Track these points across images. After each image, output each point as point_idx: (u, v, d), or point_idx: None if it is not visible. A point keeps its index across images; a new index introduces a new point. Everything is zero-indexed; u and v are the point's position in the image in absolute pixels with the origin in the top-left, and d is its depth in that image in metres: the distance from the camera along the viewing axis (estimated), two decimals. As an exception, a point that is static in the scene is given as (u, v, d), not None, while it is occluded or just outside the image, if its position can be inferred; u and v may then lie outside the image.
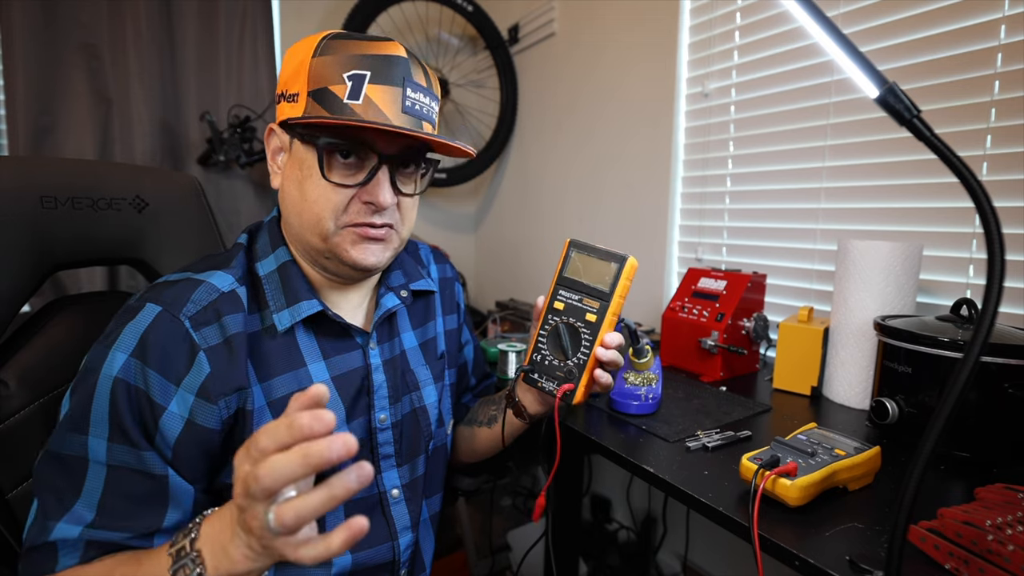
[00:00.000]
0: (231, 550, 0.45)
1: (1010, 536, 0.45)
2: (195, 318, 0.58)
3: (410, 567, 0.73)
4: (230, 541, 0.45)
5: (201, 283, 0.60)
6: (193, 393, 0.56)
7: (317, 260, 0.65)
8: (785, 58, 1.22)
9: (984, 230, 0.36)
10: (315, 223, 0.61)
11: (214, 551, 0.46)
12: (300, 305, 0.63)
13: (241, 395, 0.59)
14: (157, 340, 0.56)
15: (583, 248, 0.69)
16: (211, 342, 0.58)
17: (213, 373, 0.57)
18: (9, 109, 1.57)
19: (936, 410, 0.35)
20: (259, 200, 1.97)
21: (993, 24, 0.91)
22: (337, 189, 0.60)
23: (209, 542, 0.47)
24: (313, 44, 0.60)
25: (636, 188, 1.62)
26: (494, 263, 2.36)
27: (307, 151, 0.61)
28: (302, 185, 0.61)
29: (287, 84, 0.61)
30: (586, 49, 1.77)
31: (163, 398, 0.55)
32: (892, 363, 0.77)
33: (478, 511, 1.75)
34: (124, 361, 0.54)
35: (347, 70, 0.58)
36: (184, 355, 0.56)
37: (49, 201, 0.75)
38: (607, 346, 0.65)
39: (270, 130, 0.65)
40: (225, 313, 0.59)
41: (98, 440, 0.54)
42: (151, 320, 0.56)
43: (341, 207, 0.61)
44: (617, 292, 0.66)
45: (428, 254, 0.87)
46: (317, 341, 0.66)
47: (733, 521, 0.57)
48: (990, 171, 0.93)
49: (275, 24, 1.93)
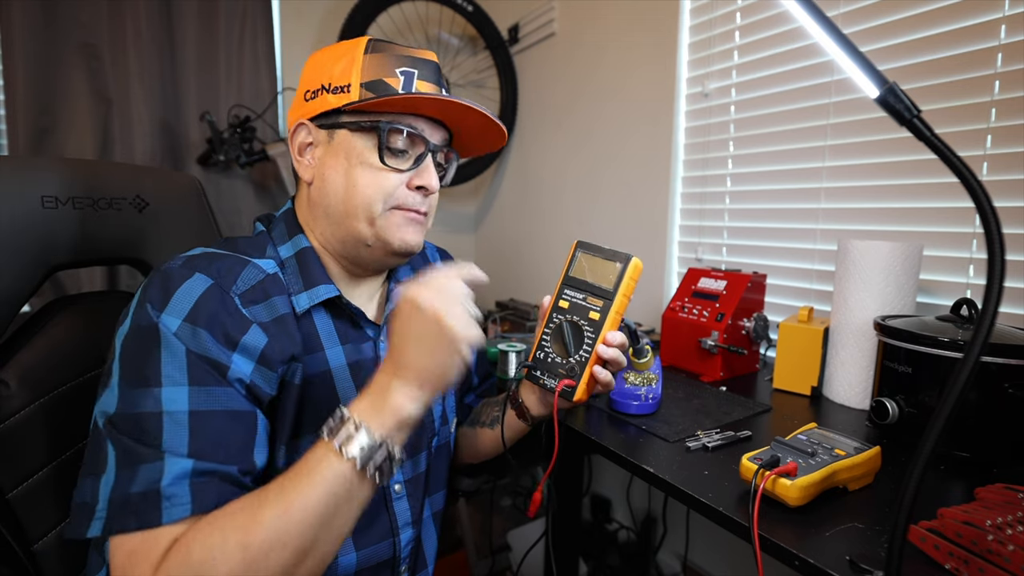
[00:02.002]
0: (391, 400, 0.50)
1: (1010, 536, 0.45)
2: (244, 295, 0.58)
3: (411, 563, 0.73)
4: (387, 395, 0.50)
5: (248, 263, 0.61)
6: (254, 360, 0.56)
7: (352, 250, 0.67)
8: (785, 58, 1.22)
9: (984, 230, 0.36)
10: (365, 207, 0.63)
11: (369, 415, 0.50)
12: (318, 289, 0.64)
13: (291, 366, 0.60)
14: (210, 309, 0.55)
15: (589, 248, 0.70)
16: (261, 319, 0.59)
17: (270, 342, 0.58)
18: (9, 109, 1.57)
19: (936, 410, 0.35)
20: (259, 200, 1.97)
21: (993, 24, 0.91)
22: (390, 174, 0.64)
23: (359, 410, 0.51)
24: (361, 44, 0.65)
25: (636, 188, 1.62)
26: (494, 263, 2.36)
27: (357, 138, 0.64)
28: (349, 173, 0.64)
29: (330, 78, 0.64)
30: (586, 49, 1.77)
31: (225, 359, 0.54)
32: (892, 363, 0.77)
33: (478, 511, 1.75)
34: (179, 325, 0.53)
35: (399, 67, 0.64)
36: (238, 326, 0.56)
37: (50, 201, 0.75)
38: (609, 344, 0.65)
39: (299, 125, 0.66)
40: (273, 294, 0.61)
41: (175, 389, 0.51)
42: (204, 290, 0.55)
43: (391, 192, 0.64)
44: (621, 291, 0.66)
45: (434, 252, 0.88)
46: (334, 325, 0.67)
47: (733, 521, 0.57)
48: (990, 171, 0.93)
49: (275, 24, 1.93)
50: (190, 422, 0.51)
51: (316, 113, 0.65)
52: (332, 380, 0.64)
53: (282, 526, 0.46)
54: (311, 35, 2.05)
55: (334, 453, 0.48)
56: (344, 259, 0.69)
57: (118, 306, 0.86)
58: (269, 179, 1.97)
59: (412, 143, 0.65)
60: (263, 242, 0.67)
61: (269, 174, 1.96)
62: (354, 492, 0.49)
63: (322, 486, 0.47)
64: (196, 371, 0.52)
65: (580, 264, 0.70)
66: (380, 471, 0.49)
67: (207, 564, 0.45)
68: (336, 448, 0.48)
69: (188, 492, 0.48)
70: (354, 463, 0.48)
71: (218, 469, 0.51)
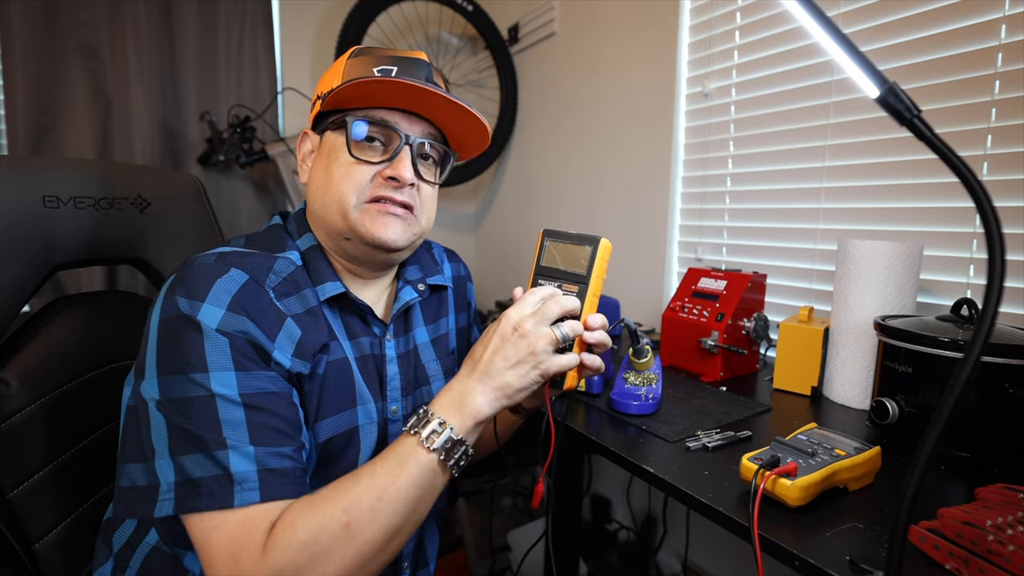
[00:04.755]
0: (472, 403, 0.57)
1: (1010, 536, 0.45)
2: (277, 289, 0.61)
3: (413, 561, 0.74)
4: (469, 398, 0.57)
5: (278, 258, 0.63)
6: (291, 351, 0.59)
7: (339, 244, 0.68)
8: (785, 58, 1.22)
9: (984, 230, 0.36)
10: (338, 200, 0.65)
11: (450, 414, 0.56)
12: (325, 285, 0.66)
13: (319, 356, 0.62)
14: (250, 302, 0.57)
15: (557, 236, 0.69)
16: (294, 311, 0.61)
17: (305, 334, 0.60)
18: (9, 109, 1.57)
19: (936, 410, 0.35)
20: (259, 200, 1.97)
21: (993, 24, 0.91)
22: (361, 167, 0.65)
23: (441, 409, 0.57)
24: (348, 53, 0.69)
25: (636, 188, 1.62)
26: (494, 263, 2.36)
27: (336, 136, 0.66)
28: (328, 168, 0.66)
29: (321, 88, 0.69)
30: (586, 49, 1.77)
31: (268, 347, 0.57)
32: (892, 363, 0.77)
33: (478, 511, 1.75)
34: (223, 315, 0.55)
35: (377, 66, 0.65)
36: (274, 319, 0.58)
37: (51, 201, 0.75)
38: (591, 327, 0.65)
39: (304, 135, 0.71)
40: (304, 286, 0.64)
41: (223, 373, 0.54)
42: (242, 283, 0.58)
43: (364, 183, 0.65)
44: (594, 274, 0.66)
45: (442, 252, 0.89)
46: (342, 320, 0.68)
47: (733, 521, 0.57)
48: (990, 171, 0.93)
49: (275, 24, 1.93)
50: (244, 404, 0.54)
51: (312, 121, 0.69)
52: (349, 370, 0.66)
53: (379, 507, 0.52)
54: (311, 35, 2.05)
55: (422, 447, 0.55)
56: (341, 257, 0.70)
57: (118, 306, 0.87)
58: (269, 179, 1.97)
59: (387, 136, 0.66)
60: (282, 236, 0.69)
61: (269, 174, 1.96)
62: (436, 481, 0.56)
63: (412, 475, 0.54)
64: (240, 358, 0.55)
65: (550, 252, 0.69)
66: (458, 464, 0.57)
67: (312, 541, 0.49)
68: (423, 444, 0.55)
69: (256, 477, 0.52)
70: (439, 456, 0.55)
71: (277, 451, 0.54)
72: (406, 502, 0.53)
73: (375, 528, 0.51)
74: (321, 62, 2.06)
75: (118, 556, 0.63)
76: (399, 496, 0.53)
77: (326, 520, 0.50)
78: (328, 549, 0.50)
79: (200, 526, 0.51)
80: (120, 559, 0.63)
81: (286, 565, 0.48)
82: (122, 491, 0.57)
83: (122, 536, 0.63)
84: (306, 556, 0.49)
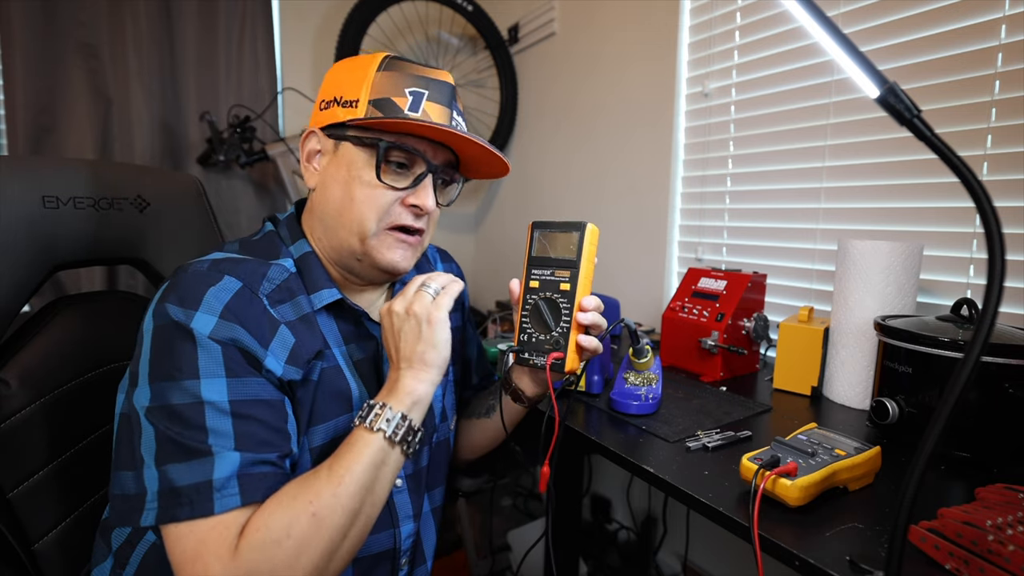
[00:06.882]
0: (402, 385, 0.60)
1: (1010, 536, 0.45)
2: (271, 296, 0.61)
3: (411, 557, 0.74)
4: (398, 382, 0.60)
5: (272, 265, 0.64)
6: (284, 359, 0.60)
7: (344, 260, 0.68)
8: (785, 58, 1.22)
9: (984, 230, 0.36)
10: (358, 223, 0.65)
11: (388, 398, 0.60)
12: (321, 293, 0.66)
13: (313, 363, 0.63)
14: (243, 310, 0.57)
15: (545, 226, 0.72)
16: (288, 318, 0.62)
17: (299, 341, 0.61)
18: (9, 109, 1.57)
19: (936, 410, 0.35)
20: (259, 200, 1.97)
21: (993, 24, 0.91)
22: (386, 192, 0.65)
23: (379, 398, 0.60)
24: (376, 60, 0.66)
25: (636, 188, 1.62)
26: (494, 263, 2.36)
27: (358, 153, 0.65)
28: (348, 186, 0.65)
29: (342, 91, 0.66)
30: (586, 49, 1.77)
31: (260, 355, 0.57)
32: (892, 363, 0.77)
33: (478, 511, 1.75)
34: (214, 323, 0.56)
35: (409, 86, 0.65)
36: (267, 327, 0.59)
37: (51, 201, 0.75)
38: (585, 309, 0.67)
39: (309, 132, 0.69)
40: (298, 293, 0.64)
41: (213, 380, 0.54)
42: (235, 291, 0.58)
43: (385, 209, 0.65)
44: (585, 258, 0.69)
45: (435, 253, 0.90)
46: (337, 327, 0.68)
47: (733, 521, 0.57)
48: (990, 171, 0.93)
49: (275, 24, 1.93)
50: (232, 412, 0.54)
51: (326, 123, 0.66)
52: (344, 376, 0.66)
53: (339, 492, 0.54)
54: (311, 35, 2.05)
55: (367, 431, 0.58)
56: (340, 267, 0.70)
57: (118, 306, 0.87)
58: (269, 179, 1.97)
59: (412, 162, 0.66)
60: (276, 242, 0.69)
61: (269, 174, 1.96)
62: (387, 458, 0.58)
63: (363, 458, 0.56)
64: (232, 364, 0.55)
65: (540, 243, 0.72)
66: (406, 441, 0.59)
67: (283, 536, 0.51)
68: (368, 427, 0.58)
69: (236, 484, 0.53)
70: (383, 434, 0.58)
71: (261, 458, 0.55)
72: (362, 484, 0.56)
73: (339, 513, 0.54)
74: (321, 62, 2.06)
75: (117, 553, 0.63)
76: (355, 480, 0.55)
77: (296, 514, 0.52)
78: (300, 542, 0.51)
79: (175, 532, 0.51)
80: (120, 556, 0.63)
81: (261, 562, 0.50)
82: (115, 499, 0.58)
83: (121, 534, 0.64)
84: (280, 553, 0.51)
